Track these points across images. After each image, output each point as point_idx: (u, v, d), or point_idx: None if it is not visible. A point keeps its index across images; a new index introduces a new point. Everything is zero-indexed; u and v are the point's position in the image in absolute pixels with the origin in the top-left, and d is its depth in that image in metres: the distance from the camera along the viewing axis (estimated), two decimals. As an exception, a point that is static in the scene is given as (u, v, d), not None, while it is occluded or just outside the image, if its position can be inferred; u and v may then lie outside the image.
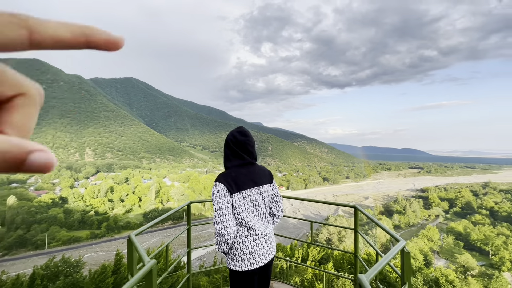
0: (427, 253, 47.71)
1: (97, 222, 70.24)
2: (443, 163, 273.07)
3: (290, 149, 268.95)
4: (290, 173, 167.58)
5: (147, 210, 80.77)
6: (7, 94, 0.17)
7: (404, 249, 1.82)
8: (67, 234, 62.65)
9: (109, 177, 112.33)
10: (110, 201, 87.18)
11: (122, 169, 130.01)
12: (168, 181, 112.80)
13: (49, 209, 72.61)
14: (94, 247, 58.34)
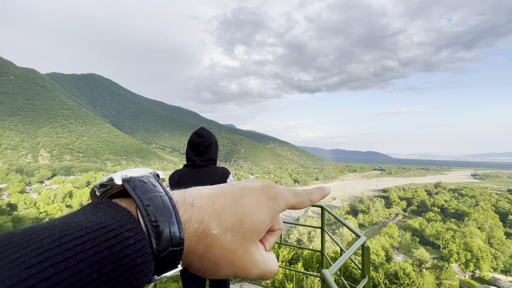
0: (388, 249, 51.17)
1: (53, 230, 64.36)
2: (402, 165, 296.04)
3: (262, 152, 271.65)
4: (262, 175, 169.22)
5: (111, 216, 75.95)
6: (275, 228, 0.29)
7: (364, 244, 1.95)
8: (16, 244, 56.41)
9: (68, 181, 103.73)
10: (68, 207, 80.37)
11: (83, 172, 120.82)
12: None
13: (-6, 217, 64.78)
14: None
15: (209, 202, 0.23)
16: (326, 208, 3.36)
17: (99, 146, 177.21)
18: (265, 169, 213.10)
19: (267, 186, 0.28)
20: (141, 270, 0.19)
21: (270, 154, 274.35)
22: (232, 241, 0.23)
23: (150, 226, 0.20)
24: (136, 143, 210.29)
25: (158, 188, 0.22)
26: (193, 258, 0.22)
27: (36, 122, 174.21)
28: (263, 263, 0.25)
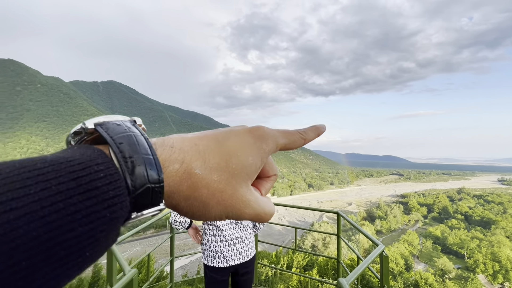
0: (407, 258, 49.10)
1: (74, 231, 66.82)
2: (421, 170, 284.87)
3: (276, 156, 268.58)
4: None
5: (128, 218, 77.89)
6: (270, 174, 0.30)
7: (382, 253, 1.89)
8: (40, 244, 59.01)
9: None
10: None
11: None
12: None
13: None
14: (69, 258, 55.29)
15: (191, 144, 0.23)
16: (342, 214, 3.24)
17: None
18: (279, 173, 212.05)
19: (254, 127, 0.27)
20: (114, 203, 0.17)
21: (283, 158, 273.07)
22: (219, 180, 0.23)
23: (123, 162, 0.19)
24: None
25: (133, 129, 0.22)
26: (178, 199, 0.22)
27: (60, 127, 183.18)
28: (256, 204, 0.25)
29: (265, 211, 0.26)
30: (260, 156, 0.26)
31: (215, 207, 0.23)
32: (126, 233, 2.39)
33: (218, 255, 2.08)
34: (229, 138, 0.25)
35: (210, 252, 2.10)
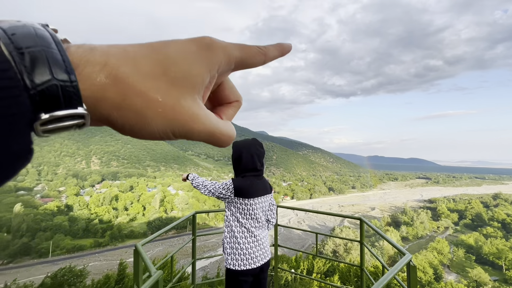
0: (436, 267, 46.26)
1: (101, 230, 70.32)
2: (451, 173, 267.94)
3: (295, 158, 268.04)
4: (295, 182, 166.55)
5: (151, 219, 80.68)
6: (231, 100, 0.28)
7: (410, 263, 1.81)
8: (72, 242, 62.76)
9: (114, 185, 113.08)
10: (114, 209, 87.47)
11: (127, 178, 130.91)
12: (172, 189, 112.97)
13: (54, 216, 73.12)
14: (97, 256, 58.21)
15: (119, 49, 0.21)
16: (365, 220, 3.13)
17: (141, 153, 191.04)
18: (298, 176, 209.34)
19: (199, 37, 0.24)
20: (3, 97, 0.14)
21: (302, 161, 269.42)
22: (154, 89, 0.20)
23: (16, 53, 0.16)
24: (174, 150, 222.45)
25: (35, 25, 0.18)
26: (107, 108, 0.19)
27: (89, 131, 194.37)
28: (207, 120, 0.22)
29: (222, 131, 0.23)
30: (207, 66, 0.22)
31: (155, 120, 0.21)
32: (152, 235, 2.50)
33: (251, 256, 2.09)
34: (167, 46, 0.22)
35: (242, 256, 2.09)
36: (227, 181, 2.15)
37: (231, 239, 2.12)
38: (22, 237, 60.11)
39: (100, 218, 79.72)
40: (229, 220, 2.14)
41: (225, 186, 2.13)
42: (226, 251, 2.14)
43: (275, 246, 4.23)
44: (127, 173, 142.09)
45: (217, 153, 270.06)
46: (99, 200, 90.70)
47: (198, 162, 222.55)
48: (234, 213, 2.13)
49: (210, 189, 2.18)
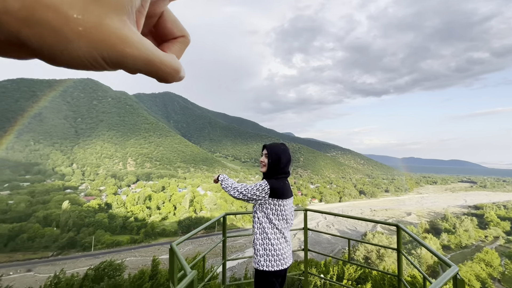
0: (485, 280, 41.88)
1: (136, 228, 74.58)
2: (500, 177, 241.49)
3: (322, 160, 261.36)
4: (323, 185, 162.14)
5: (181, 218, 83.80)
6: (176, 35, 0.25)
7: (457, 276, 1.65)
8: (111, 238, 67.45)
9: (148, 186, 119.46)
10: (148, 208, 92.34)
11: (159, 178, 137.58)
12: (201, 190, 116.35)
13: (96, 213, 79.20)
14: (133, 252, 61.82)
15: None
16: (403, 227, 2.93)
17: (172, 155, 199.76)
18: (326, 179, 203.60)
19: None
20: None
21: (331, 162, 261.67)
22: (67, 3, 0.17)
23: None
24: (203, 152, 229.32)
25: None
26: (15, 24, 0.17)
27: (125, 135, 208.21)
28: (142, 46, 0.18)
29: (163, 61, 0.19)
30: None
31: (77, 41, 0.18)
32: (185, 235, 2.61)
33: (283, 257, 2.17)
34: None
35: (276, 257, 2.14)
36: (261, 182, 2.21)
37: (264, 240, 2.17)
38: (69, 232, 66.00)
39: (135, 216, 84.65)
40: (261, 222, 2.18)
41: (259, 188, 2.18)
42: (259, 252, 2.17)
43: (305, 250, 4.14)
44: (159, 174, 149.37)
45: (244, 155, 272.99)
46: (134, 199, 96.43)
47: (225, 164, 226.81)
48: (267, 214, 2.18)
49: (241, 191, 2.21)
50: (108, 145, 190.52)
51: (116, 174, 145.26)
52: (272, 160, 2.31)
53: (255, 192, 2.16)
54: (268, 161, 2.32)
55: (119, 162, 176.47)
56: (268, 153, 2.34)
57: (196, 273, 1.51)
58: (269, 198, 2.17)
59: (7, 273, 46.81)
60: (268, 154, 2.33)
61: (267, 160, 2.34)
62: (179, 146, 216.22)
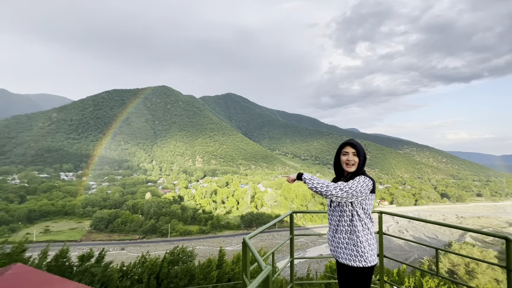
0: None
1: (204, 219, 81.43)
2: None
3: (393, 158, 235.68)
4: (394, 185, 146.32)
5: (243, 213, 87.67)
6: None
7: None
8: (183, 227, 75.45)
9: (213, 181, 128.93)
10: (214, 202, 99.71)
11: (223, 174, 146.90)
12: (262, 187, 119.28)
13: (171, 204, 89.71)
14: (201, 241, 67.69)
15: None
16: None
17: (234, 153, 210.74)
18: (398, 179, 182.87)
19: None
20: None
21: (404, 160, 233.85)
22: None
23: None
24: (263, 150, 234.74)
25: None
26: None
27: (194, 135, 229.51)
28: None
29: None
30: None
31: None
32: (257, 230, 2.61)
33: (376, 251, 2.27)
34: None
35: (375, 251, 2.23)
36: (363, 179, 2.23)
37: (367, 236, 2.23)
38: (151, 219, 76.55)
39: (203, 208, 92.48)
40: (362, 218, 2.24)
41: (363, 184, 2.21)
42: (365, 249, 2.18)
43: (381, 256, 3.68)
44: (223, 170, 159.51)
45: (303, 153, 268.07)
46: (202, 193, 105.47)
47: (285, 161, 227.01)
48: (366, 210, 2.26)
49: (344, 189, 2.17)
50: (180, 144, 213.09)
51: (187, 170, 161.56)
52: (362, 158, 2.34)
53: (360, 189, 2.16)
54: (359, 160, 2.32)
55: (189, 159, 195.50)
56: (358, 150, 2.31)
57: (271, 268, 1.52)
58: (369, 194, 2.24)
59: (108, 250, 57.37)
60: (358, 152, 2.31)
61: (357, 159, 2.32)
62: (241, 144, 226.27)
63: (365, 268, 2.17)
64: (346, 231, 2.24)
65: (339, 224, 2.30)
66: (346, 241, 2.21)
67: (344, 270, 2.25)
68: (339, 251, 2.27)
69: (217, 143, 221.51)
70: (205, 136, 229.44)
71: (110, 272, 12.74)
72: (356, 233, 2.20)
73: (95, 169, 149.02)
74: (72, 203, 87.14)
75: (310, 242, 67.56)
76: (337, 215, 2.32)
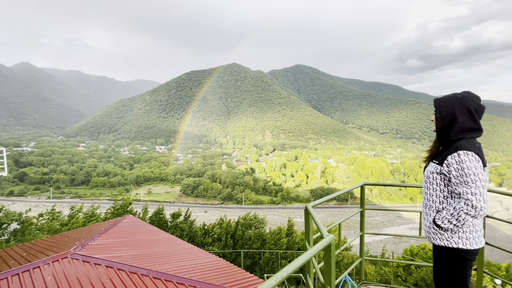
0: None
1: (275, 191, 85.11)
2: None
3: (505, 130, 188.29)
4: (505, 164, 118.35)
5: (313, 187, 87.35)
6: None
7: None
8: (255, 196, 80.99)
9: (283, 155, 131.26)
10: (283, 175, 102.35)
11: (292, 149, 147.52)
12: (333, 162, 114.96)
13: (244, 176, 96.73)
14: (272, 211, 71.51)
15: None
16: None
17: (303, 127, 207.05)
18: (511, 156, 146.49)
19: None
20: None
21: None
22: None
23: None
24: (334, 123, 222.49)
25: None
26: None
27: (263, 110, 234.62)
28: None
29: None
30: None
31: None
32: (321, 199, 2.41)
33: (481, 232, 1.84)
34: None
35: (475, 232, 1.81)
36: (468, 157, 1.71)
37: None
38: (227, 188, 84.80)
39: (273, 181, 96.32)
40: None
41: (476, 169, 1.69)
42: (459, 228, 1.81)
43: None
44: (292, 144, 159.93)
45: (382, 125, 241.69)
46: (272, 167, 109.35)
47: (359, 135, 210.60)
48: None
49: (478, 197, 1.65)
50: (250, 119, 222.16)
51: (257, 144, 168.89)
52: (443, 116, 1.87)
53: (480, 178, 1.68)
54: (436, 117, 1.92)
55: (259, 133, 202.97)
56: (438, 107, 1.92)
57: (334, 238, 1.50)
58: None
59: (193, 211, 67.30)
60: (439, 108, 1.91)
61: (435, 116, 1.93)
62: (310, 118, 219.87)
63: (454, 250, 1.80)
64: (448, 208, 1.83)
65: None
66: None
67: (438, 253, 1.88)
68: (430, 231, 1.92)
69: (286, 117, 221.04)
70: (273, 111, 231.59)
71: (195, 229, 14.92)
72: (453, 211, 1.77)
73: (181, 143, 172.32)
74: (165, 171, 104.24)
75: (387, 221, 62.87)
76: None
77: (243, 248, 14.36)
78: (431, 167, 1.92)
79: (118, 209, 12.51)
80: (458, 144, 1.78)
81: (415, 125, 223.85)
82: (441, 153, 1.90)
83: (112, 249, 5.73)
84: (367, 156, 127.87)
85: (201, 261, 6.12)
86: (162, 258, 5.77)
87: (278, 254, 13.75)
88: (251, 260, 14.23)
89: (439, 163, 1.86)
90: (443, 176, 1.84)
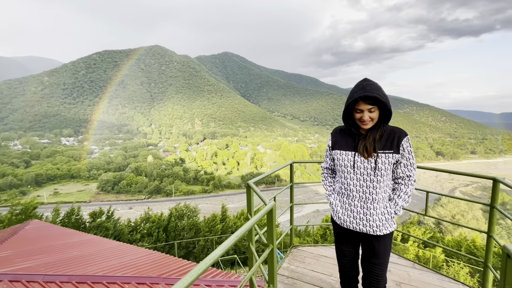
0: None
1: (206, 180, 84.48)
2: None
3: (393, 117, 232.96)
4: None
5: (244, 173, 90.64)
6: None
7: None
8: (186, 187, 78.64)
9: (213, 143, 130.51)
10: (215, 163, 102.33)
11: (223, 137, 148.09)
12: (261, 148, 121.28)
13: (173, 167, 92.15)
14: (204, 200, 71.16)
15: None
16: (503, 180, 2.44)
17: (233, 115, 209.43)
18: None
19: None
20: None
21: (403, 120, 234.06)
22: None
23: None
24: (261, 111, 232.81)
25: None
26: None
27: (191, 97, 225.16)
28: None
29: None
30: None
31: None
32: (260, 176, 2.72)
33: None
34: None
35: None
36: (408, 141, 1.80)
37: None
38: (155, 180, 79.34)
39: (205, 170, 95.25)
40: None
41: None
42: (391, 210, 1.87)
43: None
44: (223, 132, 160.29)
45: (303, 114, 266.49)
46: (203, 155, 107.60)
47: (284, 123, 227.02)
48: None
49: (414, 174, 1.82)
50: (178, 107, 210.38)
51: (186, 133, 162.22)
52: (390, 104, 1.79)
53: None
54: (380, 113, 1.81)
55: (188, 122, 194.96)
56: (381, 102, 1.74)
57: (275, 203, 1.63)
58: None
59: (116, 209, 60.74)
60: (382, 103, 1.75)
61: (375, 115, 1.77)
62: (239, 106, 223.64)
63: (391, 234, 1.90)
64: (382, 193, 1.90)
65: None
66: (379, 204, 1.92)
67: (382, 240, 1.88)
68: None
69: (215, 105, 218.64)
70: (202, 98, 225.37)
71: (121, 227, 13.73)
72: (383, 195, 1.92)
73: (95, 134, 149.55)
74: (77, 167, 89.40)
75: (307, 198, 71.19)
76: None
77: (176, 239, 14.10)
78: (384, 158, 1.73)
79: (17, 215, 10.37)
80: (393, 128, 1.81)
81: (328, 113, 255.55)
82: (383, 142, 1.78)
83: (15, 260, 4.86)
84: (290, 142, 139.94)
85: (133, 257, 5.84)
86: (86, 261, 5.24)
87: (213, 240, 14.09)
88: (185, 250, 14.15)
89: (394, 151, 1.74)
90: (394, 163, 1.78)
